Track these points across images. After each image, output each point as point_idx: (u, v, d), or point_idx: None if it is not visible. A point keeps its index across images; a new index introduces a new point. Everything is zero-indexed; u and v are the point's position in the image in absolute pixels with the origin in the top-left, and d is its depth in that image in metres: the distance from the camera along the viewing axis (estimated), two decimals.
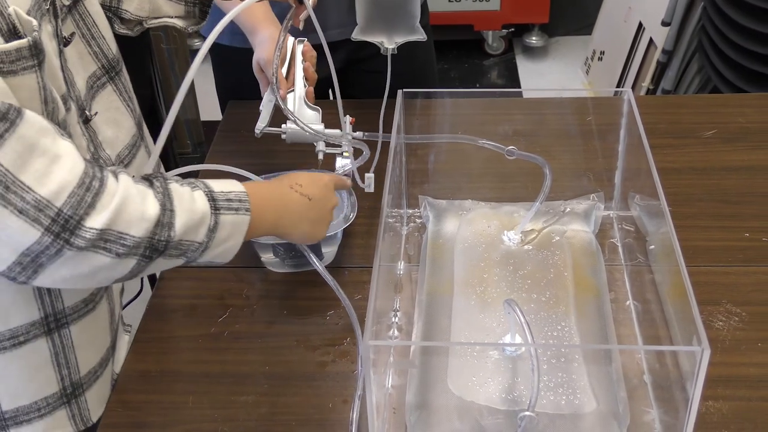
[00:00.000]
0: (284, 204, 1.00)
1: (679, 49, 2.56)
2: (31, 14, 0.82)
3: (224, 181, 0.94)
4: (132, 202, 0.82)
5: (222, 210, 0.89)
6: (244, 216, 0.91)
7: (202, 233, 0.88)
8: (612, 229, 1.30)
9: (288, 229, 1.01)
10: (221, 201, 0.90)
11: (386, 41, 1.31)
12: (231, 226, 0.90)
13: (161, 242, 0.84)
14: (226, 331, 1.16)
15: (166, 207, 0.84)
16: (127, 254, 0.81)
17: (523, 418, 0.91)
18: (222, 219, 0.89)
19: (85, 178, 0.78)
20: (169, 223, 0.84)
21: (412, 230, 1.32)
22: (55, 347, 0.96)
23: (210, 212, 0.88)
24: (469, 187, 1.35)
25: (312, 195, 1.02)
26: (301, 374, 1.09)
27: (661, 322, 1.06)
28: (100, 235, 0.79)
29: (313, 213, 1.02)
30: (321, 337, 1.14)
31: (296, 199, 1.00)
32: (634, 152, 1.19)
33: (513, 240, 1.23)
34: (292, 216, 1.00)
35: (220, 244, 0.90)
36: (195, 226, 0.87)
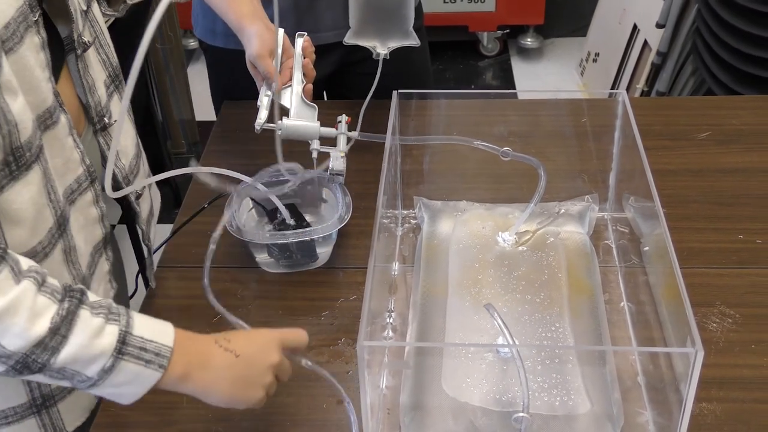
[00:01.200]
0: (205, 361, 0.88)
1: (673, 51, 2.57)
2: (11, 26, 0.80)
3: (157, 324, 0.87)
4: (19, 313, 0.77)
5: (126, 357, 0.82)
6: (154, 372, 0.84)
7: (93, 370, 0.81)
8: (606, 230, 1.30)
9: (202, 392, 0.89)
10: (132, 347, 0.83)
11: (379, 46, 1.31)
12: (133, 375, 0.83)
13: (36, 363, 0.79)
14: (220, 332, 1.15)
15: (58, 332, 0.79)
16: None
17: (518, 420, 0.92)
18: (122, 365, 0.82)
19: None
20: (54, 348, 0.79)
21: (406, 231, 1.32)
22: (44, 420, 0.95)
23: (111, 354, 0.82)
24: (463, 188, 1.35)
25: (240, 351, 0.90)
26: (295, 374, 1.08)
27: (655, 324, 1.06)
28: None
29: (238, 371, 0.89)
30: (315, 338, 1.14)
31: (218, 355, 0.89)
32: (628, 154, 1.19)
33: (507, 241, 1.24)
34: (210, 375, 0.88)
35: (115, 386, 0.84)
36: (86, 361, 0.81)
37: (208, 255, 0.99)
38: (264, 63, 1.24)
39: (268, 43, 1.26)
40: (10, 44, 0.80)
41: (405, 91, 1.24)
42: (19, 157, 0.82)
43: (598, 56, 3.16)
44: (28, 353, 0.78)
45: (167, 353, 0.85)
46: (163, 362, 0.84)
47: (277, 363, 0.92)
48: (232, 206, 1.23)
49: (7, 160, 0.81)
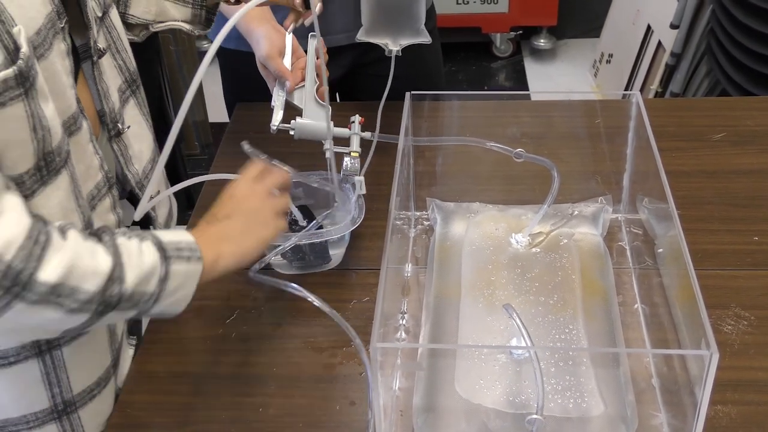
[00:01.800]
0: (212, 237, 0.94)
1: (687, 51, 2.56)
2: (42, 33, 0.81)
3: (170, 231, 0.92)
4: (83, 256, 0.80)
5: (172, 259, 0.87)
6: (196, 264, 0.89)
7: (153, 284, 0.86)
8: (620, 232, 1.30)
9: (236, 254, 0.95)
10: (171, 250, 0.88)
11: (391, 43, 1.31)
12: (182, 275, 0.88)
13: (113, 297, 0.82)
14: (233, 333, 1.16)
15: (116, 261, 0.83)
16: (79, 309, 0.80)
17: (531, 422, 0.91)
18: (173, 269, 0.87)
19: (32, 232, 0.77)
20: (121, 278, 0.82)
21: (419, 232, 1.32)
22: (47, 368, 0.95)
23: (160, 262, 0.86)
24: (476, 190, 1.35)
25: (227, 212, 0.97)
26: (309, 376, 1.09)
27: (669, 326, 1.06)
28: (53, 289, 0.77)
29: (242, 222, 0.97)
30: (328, 339, 1.14)
31: (219, 227, 0.96)
32: (642, 155, 1.19)
33: (521, 243, 1.23)
34: (226, 241, 0.95)
35: (172, 294, 0.88)
36: (146, 278, 0.85)
37: None
38: (275, 63, 1.25)
39: (277, 44, 1.27)
40: (41, 51, 0.81)
41: (418, 93, 1.24)
42: (50, 162, 0.84)
43: (611, 57, 3.15)
44: (104, 289, 0.81)
45: (195, 245, 0.90)
46: (197, 253, 0.89)
47: (264, 192, 1.00)
48: None
49: (38, 165, 0.83)
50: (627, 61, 2.96)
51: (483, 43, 3.55)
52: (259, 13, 1.33)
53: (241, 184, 1.01)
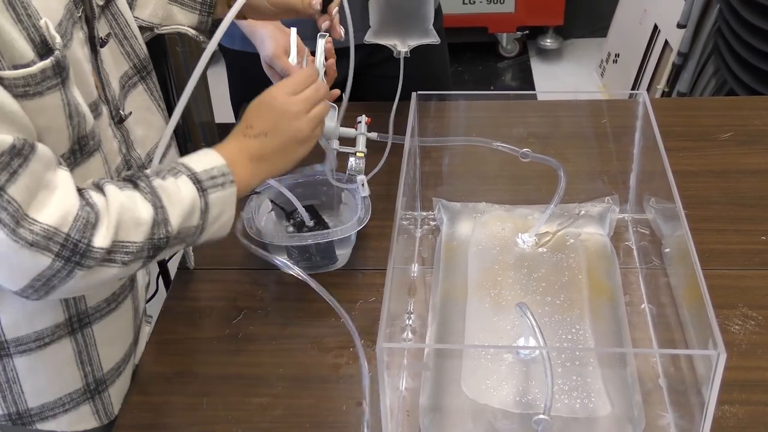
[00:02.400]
0: (247, 155, 0.96)
1: (694, 51, 2.55)
2: (63, 24, 0.82)
3: (200, 155, 0.92)
4: (126, 210, 0.83)
5: (209, 190, 0.89)
6: (231, 188, 0.91)
7: (195, 218, 0.88)
8: (627, 232, 1.29)
9: (270, 173, 0.99)
10: (206, 181, 0.89)
11: (399, 44, 1.31)
12: (221, 202, 0.90)
13: (161, 240, 0.85)
14: (240, 333, 1.16)
15: (157, 205, 0.85)
16: (132, 260, 0.83)
17: (538, 422, 0.91)
18: (211, 198, 0.89)
19: (83, 203, 0.80)
20: (165, 219, 0.85)
21: (426, 232, 1.32)
22: (78, 346, 0.97)
23: (198, 195, 0.88)
24: (483, 190, 1.35)
25: (265, 129, 0.97)
26: (315, 376, 1.09)
27: (676, 326, 1.05)
28: (107, 251, 0.81)
29: (278, 143, 0.97)
30: (334, 340, 1.14)
31: (255, 145, 0.96)
32: (649, 155, 1.19)
33: (527, 243, 1.23)
34: (262, 161, 0.97)
35: (215, 221, 0.91)
36: (188, 214, 0.87)
37: None
38: (281, 62, 1.25)
39: (282, 43, 1.27)
40: (65, 41, 0.83)
41: (424, 93, 1.24)
42: (84, 146, 0.87)
43: (618, 57, 3.15)
44: (151, 236, 0.84)
45: (227, 169, 0.91)
46: (230, 177, 0.91)
47: (301, 109, 0.98)
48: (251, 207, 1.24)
49: (73, 149, 0.86)
50: (634, 60, 2.95)
51: (489, 43, 3.55)
52: None
53: (280, 96, 0.99)
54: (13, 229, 0.75)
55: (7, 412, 0.98)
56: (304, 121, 0.99)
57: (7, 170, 0.74)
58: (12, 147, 0.75)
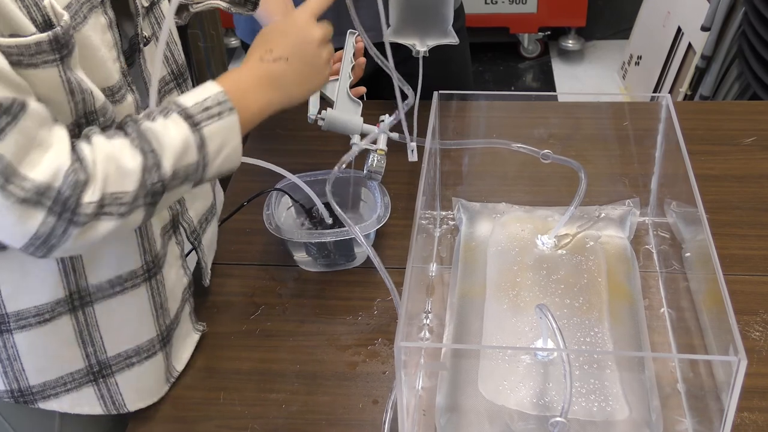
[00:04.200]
0: (264, 81, 0.93)
1: (718, 54, 2.53)
2: (73, 6, 0.83)
3: (198, 88, 0.90)
4: (112, 160, 0.81)
5: (202, 123, 0.86)
6: (230, 117, 0.88)
7: (192, 155, 0.85)
8: (647, 235, 1.29)
9: (283, 102, 0.96)
10: (198, 114, 0.86)
11: (418, 44, 1.31)
12: (220, 133, 0.87)
13: (156, 185, 0.83)
14: (257, 329, 1.17)
15: (145, 150, 0.83)
16: (129, 211, 0.82)
17: (555, 424, 0.91)
18: (206, 131, 0.86)
19: (74, 160, 0.80)
20: (156, 164, 0.83)
21: (444, 232, 1.32)
22: (79, 325, 0.97)
23: (190, 131, 0.85)
24: (503, 190, 1.35)
25: (286, 53, 0.95)
26: (332, 374, 1.10)
27: (695, 331, 1.05)
28: (98, 205, 0.80)
29: (298, 69, 0.95)
30: (352, 337, 1.14)
31: (273, 70, 0.94)
32: (671, 158, 1.18)
33: (547, 244, 1.23)
34: (279, 88, 0.94)
35: (217, 154, 0.87)
36: (181, 153, 0.84)
37: None
38: None
39: None
40: (74, 22, 0.83)
41: (445, 92, 1.24)
42: (92, 121, 0.86)
43: (640, 59, 3.13)
44: (144, 183, 0.82)
45: (224, 97, 0.87)
46: (227, 105, 0.87)
47: (322, 36, 0.98)
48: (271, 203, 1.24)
49: (79, 122, 0.85)
50: (656, 63, 2.94)
51: (510, 43, 3.54)
52: (283, 8, 1.33)
53: (301, 23, 0.98)
54: (2, 185, 0.75)
55: (9, 389, 0.99)
56: (326, 50, 0.99)
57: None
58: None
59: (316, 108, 1.21)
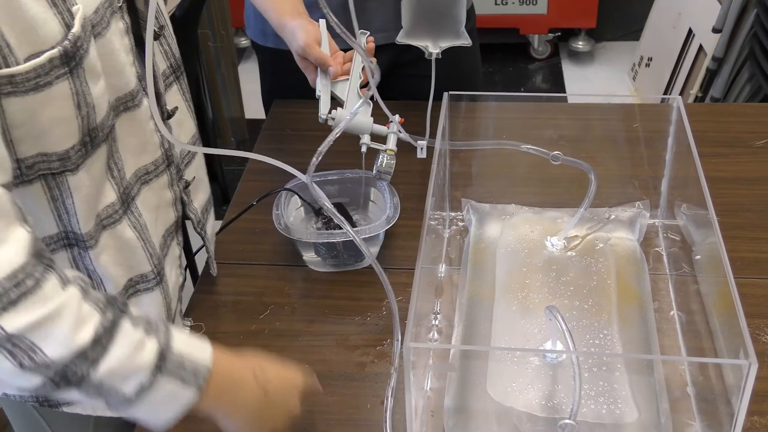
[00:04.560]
0: (235, 386, 0.86)
1: (729, 56, 2.52)
2: (100, 11, 0.83)
3: (196, 340, 0.84)
4: (63, 319, 0.73)
5: (165, 374, 0.79)
6: (191, 392, 0.80)
7: (131, 386, 0.77)
8: (657, 237, 1.28)
9: (226, 415, 0.86)
10: (171, 364, 0.79)
11: (431, 45, 1.30)
12: (169, 394, 0.79)
13: (75, 375, 0.74)
14: (266, 329, 1.17)
15: (100, 342, 0.75)
16: (32, 369, 0.73)
17: (563, 426, 0.91)
18: (160, 383, 0.78)
19: (18, 273, 0.71)
20: (95, 359, 0.75)
21: (454, 233, 1.32)
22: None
23: (151, 370, 0.78)
24: (512, 192, 1.35)
25: (270, 390, 0.89)
26: (340, 374, 1.10)
27: (705, 334, 1.04)
28: (8, 338, 0.71)
29: (264, 410, 0.88)
30: (360, 338, 1.14)
31: (250, 387, 0.87)
32: (681, 160, 1.18)
33: (556, 246, 1.22)
34: (238, 403, 0.86)
35: (152, 406, 0.79)
36: (125, 376, 0.77)
37: None
38: (314, 51, 1.25)
39: (313, 34, 1.27)
40: (99, 29, 0.83)
41: (455, 93, 1.23)
42: (94, 138, 0.85)
43: (651, 61, 3.12)
44: (68, 363, 0.74)
45: (205, 372, 0.81)
46: (200, 382, 0.81)
47: (296, 415, 0.92)
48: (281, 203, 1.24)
49: (84, 141, 0.84)
50: (667, 64, 2.93)
51: (520, 44, 3.54)
52: (292, 7, 1.33)
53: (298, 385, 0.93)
54: None
55: (35, 394, 0.99)
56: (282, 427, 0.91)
57: None
58: None
59: (326, 108, 1.21)
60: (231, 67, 2.77)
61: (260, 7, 1.38)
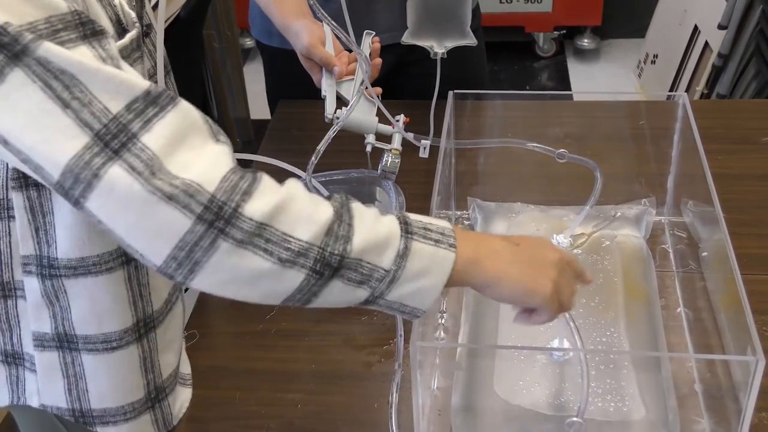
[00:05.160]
0: (487, 244, 0.82)
1: (735, 53, 2.51)
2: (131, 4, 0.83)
3: (425, 216, 0.81)
4: (299, 200, 0.72)
5: (416, 236, 0.76)
6: (448, 252, 0.76)
7: (388, 258, 0.74)
8: (663, 234, 1.28)
9: (494, 273, 0.80)
10: (416, 227, 0.76)
11: (436, 45, 1.30)
12: (429, 258, 0.76)
13: (334, 255, 0.72)
14: (273, 329, 1.17)
15: (342, 218, 0.73)
16: (291, 262, 0.71)
17: (571, 424, 0.91)
18: (415, 246, 0.75)
19: (236, 170, 0.71)
20: (346, 236, 0.72)
21: None
22: (144, 352, 0.95)
23: (399, 234, 0.75)
24: (518, 190, 1.35)
25: (520, 241, 0.84)
26: (347, 374, 1.10)
27: (712, 331, 1.04)
28: (258, 228, 0.69)
29: (525, 256, 0.82)
30: (367, 337, 1.14)
31: (498, 241, 0.83)
32: (687, 157, 1.17)
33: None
34: (498, 257, 0.81)
35: (413, 279, 0.75)
36: (379, 247, 0.74)
37: None
38: (319, 51, 1.25)
39: (317, 34, 1.27)
40: None
41: (460, 92, 1.23)
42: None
43: (656, 58, 3.11)
44: (322, 244, 0.71)
45: (451, 233, 0.78)
46: (451, 241, 0.77)
47: (558, 259, 0.84)
48: None
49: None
50: (672, 62, 2.92)
51: (526, 42, 3.53)
52: (296, 8, 1.33)
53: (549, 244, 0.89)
54: (147, 178, 0.67)
55: (71, 407, 0.95)
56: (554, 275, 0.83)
57: (141, 117, 0.68)
58: (146, 93, 0.69)
59: (332, 107, 1.21)
60: (236, 68, 2.78)
61: (264, 8, 1.38)
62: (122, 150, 0.67)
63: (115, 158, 0.67)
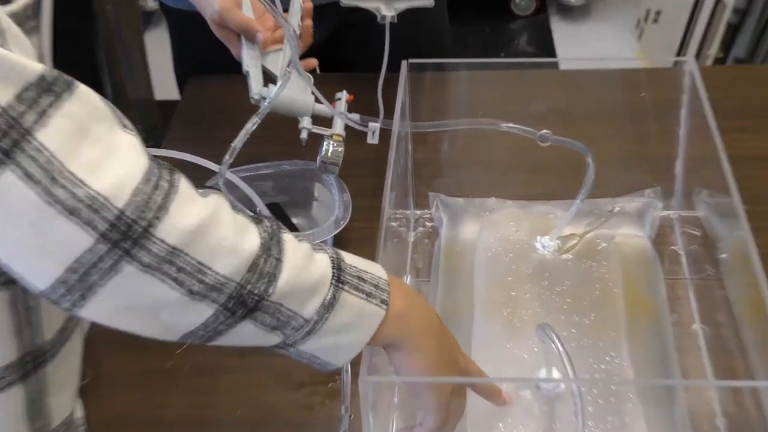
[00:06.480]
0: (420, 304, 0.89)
1: (754, 7, 2.56)
2: None
3: (363, 260, 0.86)
4: (223, 225, 0.74)
5: (347, 286, 0.80)
6: (378, 308, 0.82)
7: (312, 306, 0.78)
8: (673, 233, 1.30)
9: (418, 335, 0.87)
10: (349, 275, 0.81)
11: (384, 7, 1.30)
12: (356, 314, 0.81)
13: (253, 295, 0.75)
14: (186, 365, 1.16)
15: (270, 252, 0.76)
16: (202, 295, 0.73)
17: None
18: (344, 297, 0.80)
19: (150, 176, 0.72)
20: (271, 274, 0.75)
21: (420, 236, 1.32)
22: (31, 394, 0.92)
23: (330, 281, 0.79)
24: (492, 182, 1.36)
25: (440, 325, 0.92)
26: (282, 421, 1.09)
27: (736, 351, 1.05)
28: (170, 254, 0.71)
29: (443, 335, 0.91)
30: (305, 373, 1.13)
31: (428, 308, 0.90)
32: (699, 137, 1.19)
33: (548, 248, 1.23)
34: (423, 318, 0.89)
35: (333, 333, 0.80)
36: (304, 293, 0.78)
37: None
38: (235, 15, 1.24)
39: None
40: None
41: (417, 61, 1.23)
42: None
43: (659, 15, 3.16)
44: (243, 281, 0.74)
45: (386, 286, 0.83)
46: (384, 296, 0.83)
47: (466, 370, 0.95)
48: None
49: None
50: (679, 20, 2.96)
51: None
52: None
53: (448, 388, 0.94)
54: (46, 187, 0.68)
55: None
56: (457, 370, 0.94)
57: (34, 109, 0.68)
58: (40, 78, 0.69)
59: (259, 84, 1.20)
60: (136, 36, 2.75)
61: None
62: (14, 151, 0.67)
63: (7, 161, 0.67)
